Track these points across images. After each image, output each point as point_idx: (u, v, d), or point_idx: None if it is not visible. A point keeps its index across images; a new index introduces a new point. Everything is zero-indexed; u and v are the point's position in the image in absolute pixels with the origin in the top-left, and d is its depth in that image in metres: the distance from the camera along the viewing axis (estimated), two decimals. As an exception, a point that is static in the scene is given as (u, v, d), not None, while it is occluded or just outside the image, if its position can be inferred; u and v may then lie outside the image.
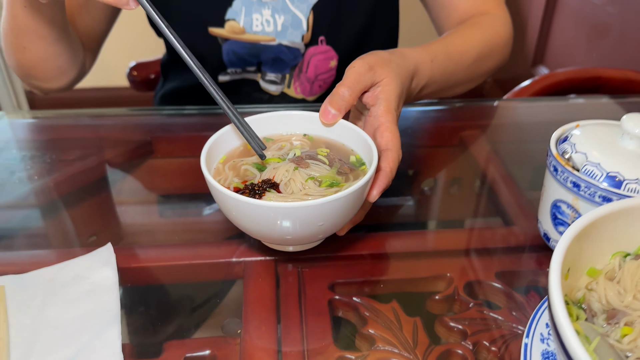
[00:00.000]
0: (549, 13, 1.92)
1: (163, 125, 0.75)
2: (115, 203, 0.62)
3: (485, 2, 0.78)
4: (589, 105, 0.83)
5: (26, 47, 0.67)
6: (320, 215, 0.44)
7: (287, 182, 0.48)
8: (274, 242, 0.51)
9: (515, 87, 0.94)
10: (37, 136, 0.73)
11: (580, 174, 0.44)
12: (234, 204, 0.44)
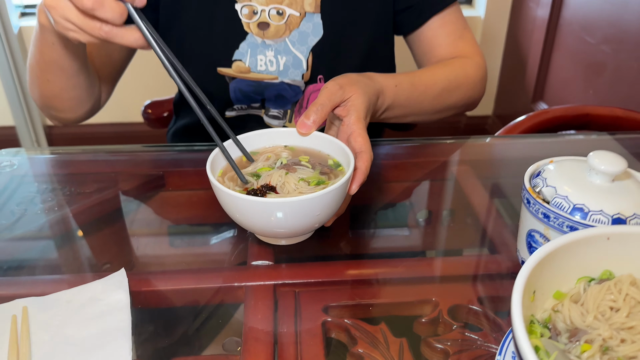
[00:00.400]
0: (547, 51, 1.99)
1: (174, 161, 0.81)
2: (129, 232, 0.67)
3: (463, 49, 0.87)
4: (575, 142, 0.88)
5: (49, 80, 0.74)
6: (316, 206, 0.53)
7: (282, 184, 0.57)
8: (278, 236, 0.60)
9: (508, 124, 0.99)
10: (58, 170, 0.79)
11: (550, 205, 0.49)
12: (243, 204, 0.53)
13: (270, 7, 0.80)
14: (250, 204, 0.52)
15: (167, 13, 0.82)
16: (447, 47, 0.87)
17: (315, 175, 0.59)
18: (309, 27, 0.82)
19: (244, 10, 0.80)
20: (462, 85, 0.83)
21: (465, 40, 0.88)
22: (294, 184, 0.57)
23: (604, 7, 1.66)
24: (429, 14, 0.86)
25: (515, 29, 2.30)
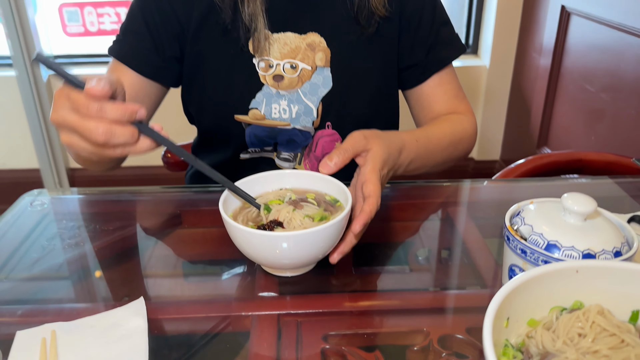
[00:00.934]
0: (550, 99, 2.06)
1: (190, 201, 0.88)
2: (147, 266, 0.72)
3: (457, 107, 0.96)
4: (563, 185, 0.93)
5: (83, 164, 0.82)
6: (317, 239, 0.59)
7: (289, 220, 0.63)
8: (283, 267, 0.65)
9: (505, 168, 1.05)
10: (84, 209, 0.86)
11: (527, 242, 0.54)
12: (252, 238, 0.59)
13: (285, 61, 0.88)
14: (259, 238, 0.59)
15: (191, 65, 0.90)
16: (443, 104, 0.96)
17: (319, 212, 0.65)
18: (319, 80, 0.90)
19: (260, 64, 0.88)
20: (463, 139, 0.92)
21: (459, 98, 0.97)
22: (300, 220, 0.64)
23: (602, 58, 1.73)
24: (430, 73, 0.95)
25: (520, 77, 2.38)
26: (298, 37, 0.88)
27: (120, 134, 0.57)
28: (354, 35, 0.90)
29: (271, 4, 0.86)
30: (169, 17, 0.87)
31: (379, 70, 0.93)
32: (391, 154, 0.73)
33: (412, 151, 0.79)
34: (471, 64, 2.50)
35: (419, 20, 0.93)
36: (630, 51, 1.58)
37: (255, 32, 0.85)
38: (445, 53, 0.95)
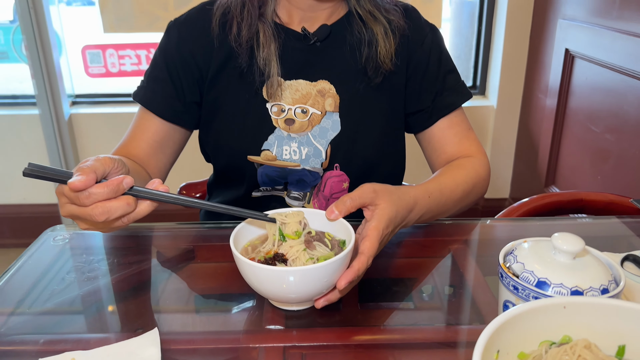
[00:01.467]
0: (557, 139, 2.10)
1: (203, 237, 0.92)
2: (161, 299, 0.76)
3: (468, 148, 0.98)
4: (563, 225, 0.96)
5: None
6: (316, 276, 0.62)
7: (294, 259, 0.66)
8: (285, 300, 0.68)
9: (508, 207, 1.08)
10: (103, 244, 0.90)
11: (519, 279, 0.57)
12: (254, 271, 0.63)
13: (296, 106, 0.94)
14: (263, 271, 0.62)
15: (209, 109, 0.96)
16: (454, 146, 0.98)
17: (328, 255, 0.68)
18: (328, 124, 0.95)
19: (273, 108, 0.94)
20: (476, 185, 0.94)
21: (470, 140, 0.99)
22: (303, 262, 0.67)
23: (605, 99, 1.78)
24: (437, 117, 0.98)
25: (527, 118, 2.43)
26: (309, 84, 0.94)
27: (116, 208, 0.63)
28: (362, 84, 0.95)
29: (284, 52, 0.92)
30: (189, 65, 0.94)
31: (386, 115, 0.98)
32: (399, 213, 0.74)
33: (423, 207, 0.81)
34: (479, 104, 2.56)
35: (426, 67, 0.98)
36: (632, 93, 1.62)
37: (269, 79, 0.91)
38: (451, 99, 0.99)
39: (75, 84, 2.61)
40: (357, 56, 0.95)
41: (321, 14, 0.94)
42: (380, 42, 0.93)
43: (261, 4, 0.92)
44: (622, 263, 0.74)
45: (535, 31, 2.33)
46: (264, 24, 0.91)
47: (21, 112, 2.55)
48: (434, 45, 0.99)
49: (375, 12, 0.94)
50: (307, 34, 0.94)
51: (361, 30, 0.94)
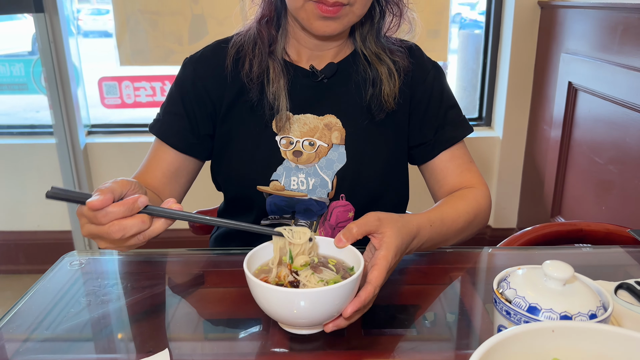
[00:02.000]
0: (562, 169, 2.12)
1: (213, 263, 0.96)
2: (172, 322, 0.79)
3: (470, 180, 1.01)
4: (559, 254, 0.98)
5: None
6: (327, 299, 0.64)
7: (305, 283, 0.69)
8: (293, 322, 0.70)
9: (509, 236, 1.11)
10: (117, 268, 0.94)
11: (511, 304, 0.60)
12: (264, 292, 0.66)
13: (304, 139, 0.98)
14: (273, 292, 0.65)
15: (221, 141, 1.01)
16: (456, 177, 1.01)
17: (336, 278, 0.71)
18: (335, 156, 0.99)
19: (282, 141, 0.98)
20: (478, 215, 0.96)
21: (472, 171, 1.02)
22: (314, 284, 0.70)
23: (608, 131, 1.81)
24: (439, 150, 1.02)
25: (532, 149, 2.46)
26: (316, 118, 0.99)
27: (132, 225, 0.67)
28: (366, 120, 1.00)
29: (293, 87, 0.98)
30: (203, 99, 0.99)
31: (390, 148, 1.02)
32: (404, 241, 0.76)
33: (425, 235, 0.84)
34: (485, 135, 2.60)
35: (428, 103, 1.02)
36: (634, 126, 1.66)
37: (278, 113, 0.96)
38: (452, 133, 1.02)
39: (91, 113, 2.70)
40: (362, 94, 0.99)
41: (328, 52, 1.00)
42: (384, 82, 0.97)
43: (271, 42, 0.97)
44: (616, 291, 0.76)
45: (539, 64, 2.38)
46: (273, 61, 0.96)
47: (38, 141, 2.63)
48: (436, 81, 1.03)
49: (381, 53, 0.99)
50: (315, 72, 0.99)
51: (366, 69, 0.99)
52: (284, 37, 0.99)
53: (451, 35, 3.14)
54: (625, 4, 1.71)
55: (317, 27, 0.89)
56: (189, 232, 1.46)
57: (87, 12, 6.82)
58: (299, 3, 0.87)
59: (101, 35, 7.19)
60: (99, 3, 7.43)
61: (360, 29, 1.00)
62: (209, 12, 2.38)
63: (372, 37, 0.99)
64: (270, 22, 0.97)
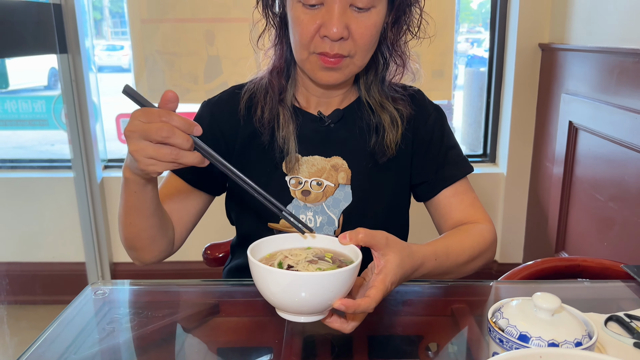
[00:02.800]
0: (565, 206, 2.18)
1: (228, 293, 1.02)
2: (188, 349, 0.85)
3: (474, 215, 1.05)
4: (555, 287, 1.03)
5: (131, 222, 0.92)
6: (327, 283, 0.68)
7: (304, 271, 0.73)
8: (293, 308, 0.72)
9: (509, 271, 1.16)
10: (138, 298, 1.00)
11: (504, 333, 0.65)
12: (266, 275, 0.70)
13: (312, 179, 1.05)
14: (270, 274, 0.69)
15: (235, 183, 1.07)
16: (460, 212, 1.06)
17: (332, 267, 0.74)
18: (341, 195, 1.05)
19: (291, 181, 1.05)
20: (483, 250, 1.00)
21: (476, 207, 1.07)
22: (313, 271, 0.73)
23: (608, 169, 1.87)
24: (440, 188, 1.07)
25: (536, 185, 2.52)
26: (324, 159, 1.05)
27: (180, 135, 0.72)
28: (370, 163, 1.06)
29: (302, 131, 1.05)
30: (218, 140, 1.07)
31: (393, 188, 1.08)
32: (405, 271, 0.79)
33: (428, 268, 0.86)
34: (490, 171, 2.67)
35: (429, 143, 1.08)
36: (632, 165, 1.72)
37: (288, 155, 1.03)
38: (452, 172, 1.07)
39: (109, 149, 2.80)
40: (366, 138, 1.06)
41: (334, 99, 1.07)
42: (387, 130, 1.03)
43: (281, 91, 1.04)
44: (607, 322, 0.81)
45: (541, 103, 2.46)
46: (283, 108, 1.03)
47: (56, 174, 2.73)
48: (437, 123, 1.10)
49: (384, 102, 1.05)
50: (322, 117, 1.06)
51: (370, 117, 1.06)
52: (294, 86, 1.06)
53: (457, 72, 3.25)
54: (620, 49, 1.80)
55: (321, 77, 0.96)
56: (200, 265, 1.52)
57: (102, 47, 7.03)
58: (304, 55, 0.94)
59: (116, 70, 7.38)
60: (114, 39, 7.65)
61: (365, 78, 1.06)
62: (224, 53, 2.49)
63: (375, 86, 1.05)
64: (281, 73, 1.04)
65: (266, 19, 1.02)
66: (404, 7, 0.97)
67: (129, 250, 1.00)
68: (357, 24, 0.90)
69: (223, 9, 2.43)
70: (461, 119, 3.29)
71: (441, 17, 2.43)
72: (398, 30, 1.00)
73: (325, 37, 0.90)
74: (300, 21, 0.91)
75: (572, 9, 2.18)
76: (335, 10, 0.88)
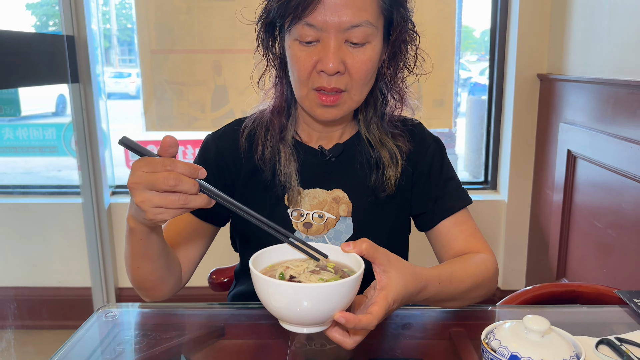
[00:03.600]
0: (565, 232, 2.21)
1: (233, 316, 1.05)
2: (196, 369, 0.89)
3: (476, 245, 1.07)
4: (550, 312, 1.06)
5: (139, 267, 0.94)
6: (330, 294, 0.69)
7: (305, 282, 0.74)
8: (299, 321, 0.74)
9: (507, 296, 1.19)
10: (147, 321, 1.04)
11: (496, 353, 0.69)
12: (268, 286, 0.72)
13: (314, 212, 1.08)
14: (276, 286, 0.71)
15: (238, 217, 1.09)
16: (461, 242, 1.07)
17: (334, 278, 0.75)
18: (342, 227, 1.09)
19: (293, 213, 1.08)
20: (485, 280, 1.01)
21: (477, 238, 1.08)
22: (315, 282, 0.74)
23: (605, 197, 1.91)
24: (438, 220, 1.09)
25: (537, 212, 2.56)
26: (325, 192, 1.09)
27: (186, 181, 0.74)
28: (370, 197, 1.09)
29: (304, 166, 1.08)
30: (223, 173, 1.10)
31: (392, 220, 1.11)
32: (407, 291, 0.80)
33: (432, 291, 0.87)
34: (491, 198, 2.70)
35: (428, 175, 1.11)
36: (628, 193, 1.75)
37: (290, 189, 1.06)
38: (451, 203, 1.09)
39: (117, 175, 2.86)
40: (366, 173, 1.08)
41: (334, 133, 1.10)
42: (387, 166, 1.06)
43: (282, 129, 1.07)
44: (597, 346, 0.84)
45: (540, 132, 2.51)
46: (284, 146, 1.06)
47: (64, 200, 2.79)
48: (436, 154, 1.13)
49: (384, 138, 1.08)
50: (324, 151, 1.09)
51: (369, 152, 1.08)
52: (294, 124, 1.09)
53: (461, 98, 3.30)
54: (615, 80, 1.85)
55: (320, 114, 0.99)
56: (206, 290, 1.56)
57: (111, 75, 7.16)
58: (304, 92, 0.98)
59: (124, 97, 7.49)
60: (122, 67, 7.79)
61: (364, 114, 1.09)
62: (230, 82, 2.57)
63: (375, 123, 1.08)
64: (282, 112, 1.07)
65: (267, 60, 1.05)
66: (398, 44, 1.01)
67: (139, 290, 1.02)
68: (353, 59, 0.94)
69: (230, 40, 2.52)
70: (464, 145, 3.34)
71: (442, 48, 2.50)
72: (395, 67, 1.04)
73: (322, 72, 0.94)
74: (298, 58, 0.95)
75: (569, 40, 2.25)
76: (331, 45, 0.92)
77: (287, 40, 0.98)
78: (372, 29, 0.94)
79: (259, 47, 1.05)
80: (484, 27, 2.68)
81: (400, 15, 0.99)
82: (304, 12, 0.92)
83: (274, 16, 0.98)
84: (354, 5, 0.91)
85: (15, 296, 2.71)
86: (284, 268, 0.80)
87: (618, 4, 1.85)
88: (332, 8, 0.91)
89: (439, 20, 2.49)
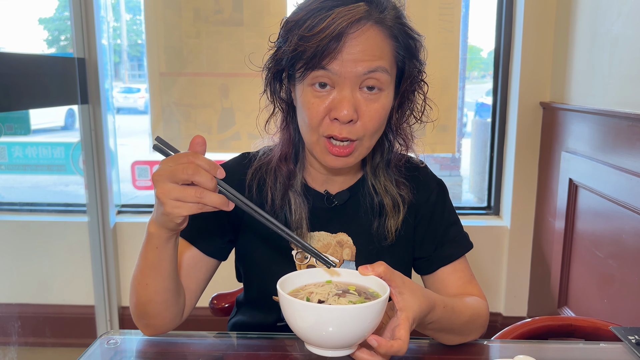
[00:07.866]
0: (567, 260, 2.21)
1: (233, 346, 1.07)
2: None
3: (471, 291, 1.09)
4: (544, 348, 1.07)
5: (148, 284, 0.93)
6: (359, 316, 0.72)
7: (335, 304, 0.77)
8: (321, 342, 0.76)
9: (503, 329, 1.20)
10: (148, 348, 1.06)
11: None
12: (291, 305, 0.74)
13: None
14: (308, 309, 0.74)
15: (242, 248, 1.13)
16: (457, 288, 1.09)
17: (361, 299, 0.78)
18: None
19: (297, 255, 1.09)
20: (479, 316, 1.04)
21: (473, 285, 1.11)
22: (344, 304, 0.76)
23: (606, 227, 1.92)
24: (437, 266, 1.11)
25: (539, 239, 2.56)
26: (330, 235, 1.10)
27: (204, 174, 0.77)
28: (373, 243, 1.10)
29: (310, 212, 1.08)
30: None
31: (396, 262, 1.10)
32: (422, 309, 0.83)
33: (437, 314, 0.89)
34: (494, 224, 2.71)
35: (430, 219, 1.12)
36: (628, 224, 1.76)
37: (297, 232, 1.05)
38: (451, 250, 1.11)
39: (123, 195, 2.90)
40: (370, 219, 1.10)
41: (339, 178, 1.10)
42: (389, 214, 1.08)
43: (291, 176, 1.07)
44: (590, 385, 0.85)
45: (543, 159, 2.53)
46: (294, 194, 1.07)
47: (71, 219, 2.82)
48: (439, 199, 1.14)
49: (388, 185, 1.09)
50: (330, 197, 1.10)
51: (373, 198, 1.09)
52: (302, 170, 1.09)
53: (467, 119, 3.32)
54: (615, 112, 1.87)
55: (329, 161, 0.98)
56: (207, 312, 1.57)
57: (120, 90, 7.24)
58: (314, 138, 0.97)
59: (132, 112, 7.56)
60: (131, 82, 7.88)
61: (371, 161, 1.10)
62: (237, 105, 2.62)
63: (381, 169, 1.09)
64: (289, 159, 1.07)
65: (274, 104, 1.05)
66: (408, 93, 1.02)
67: (140, 317, 1.01)
68: (367, 107, 0.93)
69: (237, 64, 2.56)
70: (469, 167, 3.36)
71: (445, 74, 2.54)
72: (402, 114, 1.05)
73: (336, 119, 0.93)
74: (311, 104, 0.93)
75: (571, 70, 2.28)
76: (347, 93, 0.92)
77: (299, 86, 0.97)
78: (386, 77, 0.94)
79: (266, 91, 1.04)
80: (491, 47, 2.70)
81: (413, 66, 1.00)
82: (320, 62, 0.91)
83: (287, 65, 0.97)
84: (371, 54, 0.92)
85: (20, 313, 2.73)
86: (309, 293, 0.82)
87: (619, 37, 1.88)
88: (349, 57, 0.91)
89: (443, 48, 2.53)
